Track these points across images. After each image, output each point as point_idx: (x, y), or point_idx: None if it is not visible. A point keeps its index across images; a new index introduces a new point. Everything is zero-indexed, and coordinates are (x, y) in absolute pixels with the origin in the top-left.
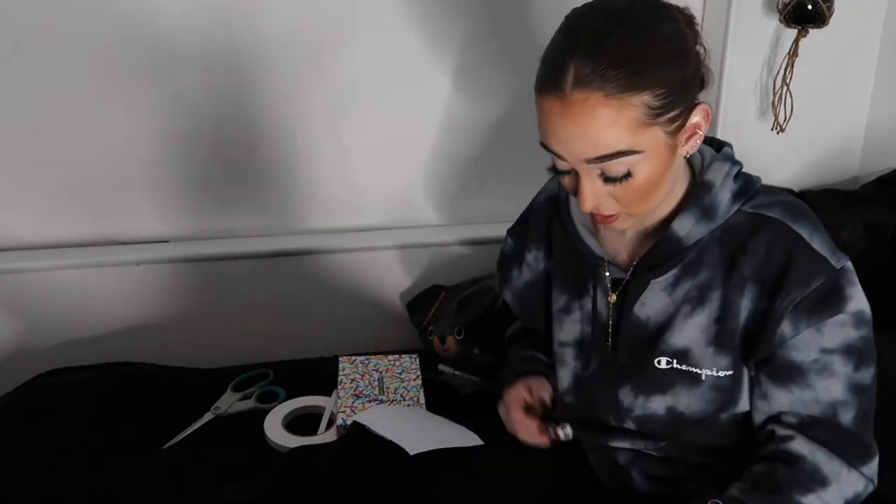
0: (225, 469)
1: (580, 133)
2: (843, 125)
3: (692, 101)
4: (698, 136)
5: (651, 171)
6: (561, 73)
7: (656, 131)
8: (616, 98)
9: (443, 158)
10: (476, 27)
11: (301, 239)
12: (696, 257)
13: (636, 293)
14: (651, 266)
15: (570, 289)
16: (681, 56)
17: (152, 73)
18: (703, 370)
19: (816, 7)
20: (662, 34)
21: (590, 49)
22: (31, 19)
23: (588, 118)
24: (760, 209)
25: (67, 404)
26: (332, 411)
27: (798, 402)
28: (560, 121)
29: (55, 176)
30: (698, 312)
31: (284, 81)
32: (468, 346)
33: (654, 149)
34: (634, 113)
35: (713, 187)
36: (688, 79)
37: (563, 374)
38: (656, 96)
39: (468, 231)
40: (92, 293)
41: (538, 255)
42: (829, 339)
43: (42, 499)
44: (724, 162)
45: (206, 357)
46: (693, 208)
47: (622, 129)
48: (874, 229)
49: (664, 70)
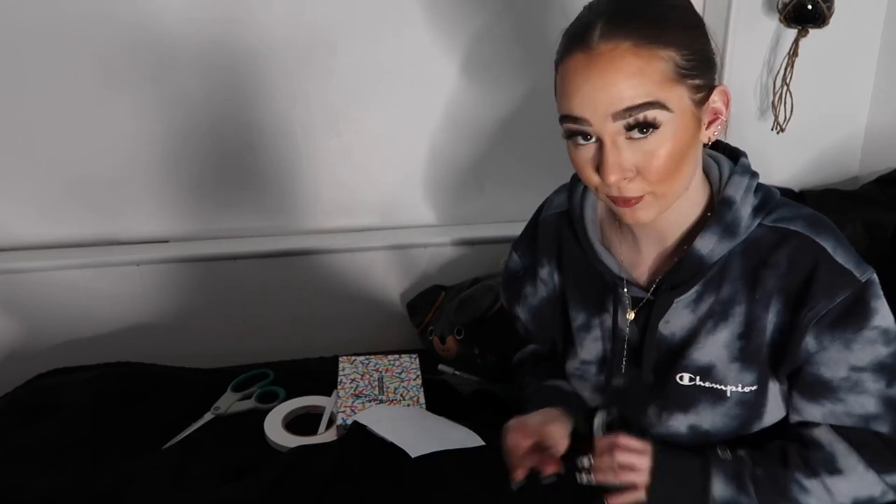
0: (225, 469)
1: (607, 83)
2: (843, 125)
3: (713, 80)
4: (720, 121)
5: (677, 138)
6: (588, 31)
7: (684, 93)
8: (645, 48)
9: (443, 159)
10: (476, 28)
11: (301, 239)
12: (718, 272)
13: (660, 312)
14: (674, 285)
15: (589, 306)
16: (702, 30)
17: (153, 73)
18: (727, 386)
19: (816, 7)
20: (687, 6)
21: (617, 8)
22: (31, 19)
23: (615, 67)
24: (781, 223)
25: (67, 404)
26: (332, 411)
27: (831, 415)
28: (585, 74)
29: (55, 176)
30: (721, 328)
31: (284, 81)
32: (468, 346)
33: (681, 112)
34: (663, 66)
35: (734, 203)
36: (709, 55)
37: (585, 392)
38: (683, 56)
39: (468, 231)
40: (92, 293)
41: (551, 271)
42: (858, 356)
43: (42, 499)
44: (744, 175)
45: (206, 357)
46: (715, 226)
47: (651, 79)
48: (874, 229)
49: (690, 35)
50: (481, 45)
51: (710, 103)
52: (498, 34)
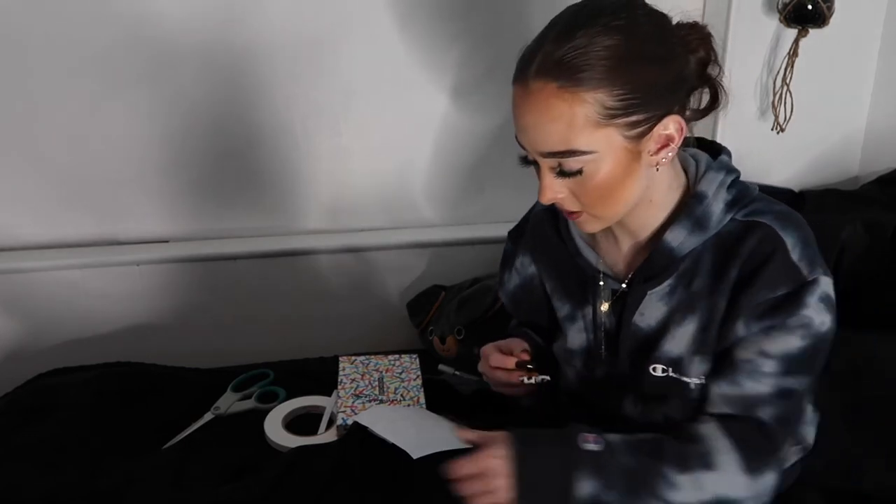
0: (225, 469)
1: (535, 123)
2: (843, 125)
3: (664, 110)
4: (670, 148)
5: (607, 173)
6: (527, 64)
7: (612, 133)
8: (569, 91)
9: (443, 158)
10: (477, 28)
11: (301, 239)
12: (691, 266)
13: (634, 304)
14: (647, 277)
15: (573, 298)
16: (655, 62)
17: (153, 74)
18: (691, 379)
19: (816, 7)
20: (638, 37)
21: (557, 41)
22: (31, 20)
23: (541, 108)
24: (752, 216)
25: (67, 404)
26: (332, 411)
27: (723, 397)
28: (521, 109)
29: (55, 176)
30: (688, 321)
31: (285, 81)
32: (468, 346)
33: (610, 151)
34: (586, 110)
35: (706, 198)
36: (659, 86)
37: (570, 376)
38: (613, 96)
39: (468, 231)
40: (92, 293)
41: (524, 261)
42: (772, 344)
43: (42, 499)
44: (719, 171)
45: (206, 357)
46: (685, 219)
47: (572, 125)
48: (874, 229)
49: (629, 71)
50: (482, 44)
51: (660, 130)
52: (499, 34)
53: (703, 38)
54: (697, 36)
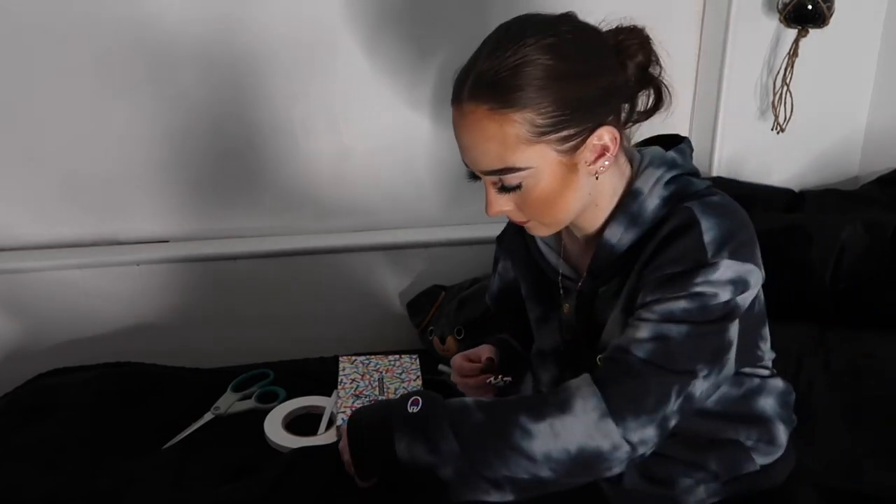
0: (225, 469)
1: (471, 143)
2: (843, 125)
3: (596, 122)
4: (607, 157)
5: (546, 186)
6: (460, 87)
7: (545, 149)
8: (499, 112)
9: (442, 158)
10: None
11: (301, 239)
12: (632, 261)
13: (590, 303)
14: (595, 276)
15: (542, 300)
16: (582, 77)
17: (153, 73)
18: None
19: (816, 7)
20: (564, 55)
21: (487, 61)
22: (31, 19)
23: (474, 129)
24: (680, 202)
25: (67, 404)
26: (332, 411)
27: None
28: (458, 130)
29: (55, 176)
30: (616, 306)
31: (284, 81)
32: (468, 346)
33: (545, 165)
34: (517, 130)
35: (641, 195)
36: (587, 99)
37: (545, 379)
38: (542, 114)
39: (468, 231)
40: (92, 293)
41: (506, 265)
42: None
43: (42, 499)
44: (658, 168)
45: (206, 357)
46: (621, 216)
47: (504, 144)
48: (874, 229)
49: (554, 88)
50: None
51: (594, 140)
52: None
53: (641, 41)
54: (636, 40)
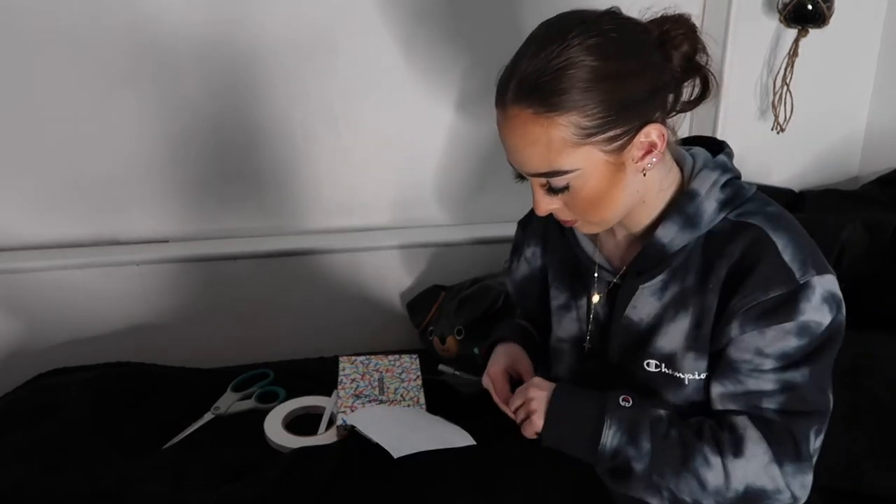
0: (225, 469)
1: (517, 146)
2: (843, 125)
3: (643, 120)
4: (654, 153)
5: (593, 186)
6: (504, 89)
7: (591, 150)
8: (544, 117)
9: (442, 158)
10: (478, 27)
11: (301, 239)
12: (683, 262)
13: (626, 297)
14: (639, 271)
15: (569, 288)
16: (628, 77)
17: (153, 74)
18: (685, 374)
19: (816, 7)
20: (609, 54)
21: (529, 64)
22: (32, 20)
23: (520, 133)
24: (743, 217)
25: (67, 404)
26: (332, 411)
27: (728, 394)
28: (503, 132)
29: (55, 176)
30: (681, 317)
31: (285, 81)
32: (468, 346)
33: (592, 166)
34: (562, 133)
35: (698, 196)
36: (634, 98)
37: (561, 370)
38: (588, 116)
39: (468, 231)
40: (92, 293)
41: (536, 251)
42: (768, 343)
43: (42, 499)
44: (714, 170)
45: (206, 357)
46: (676, 216)
47: (550, 147)
48: (874, 229)
49: (600, 90)
50: (482, 44)
51: (641, 138)
52: (498, 33)
53: (687, 31)
54: (682, 30)
